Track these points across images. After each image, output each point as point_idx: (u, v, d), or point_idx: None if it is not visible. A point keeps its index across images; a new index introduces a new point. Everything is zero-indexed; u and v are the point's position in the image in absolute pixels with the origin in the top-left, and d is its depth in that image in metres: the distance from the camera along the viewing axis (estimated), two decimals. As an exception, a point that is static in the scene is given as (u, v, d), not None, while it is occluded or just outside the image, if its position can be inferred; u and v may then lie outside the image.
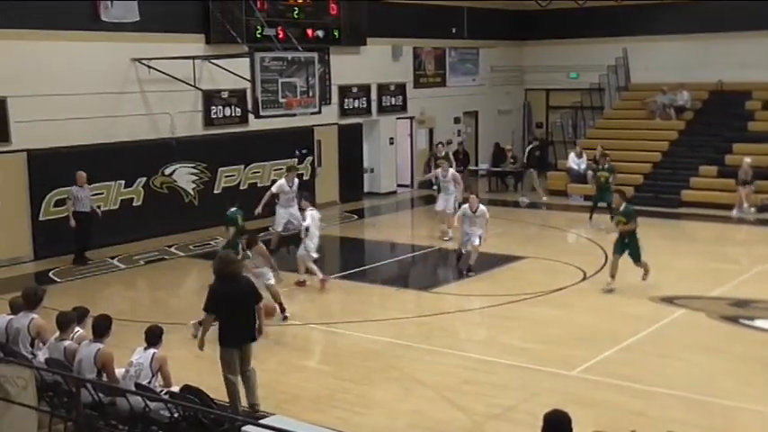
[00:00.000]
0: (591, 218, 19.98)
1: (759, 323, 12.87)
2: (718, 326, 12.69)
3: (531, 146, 26.08)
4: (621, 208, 14.67)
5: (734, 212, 21.31)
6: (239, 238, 13.66)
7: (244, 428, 7.50)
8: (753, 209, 21.36)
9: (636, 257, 14.41)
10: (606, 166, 20.42)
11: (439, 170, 19.38)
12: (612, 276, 14.46)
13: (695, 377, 10.45)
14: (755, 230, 20.21)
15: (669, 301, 13.82)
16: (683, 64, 26.18)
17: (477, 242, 15.70)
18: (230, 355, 9.25)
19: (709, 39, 25.86)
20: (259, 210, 16.98)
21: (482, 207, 16.01)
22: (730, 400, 9.66)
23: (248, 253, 12.72)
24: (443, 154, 22.60)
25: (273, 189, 17.41)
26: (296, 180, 17.56)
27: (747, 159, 21.89)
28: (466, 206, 16.11)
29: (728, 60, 25.34)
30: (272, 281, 12.97)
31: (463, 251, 16.01)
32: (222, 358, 9.28)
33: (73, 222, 16.42)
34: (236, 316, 9.29)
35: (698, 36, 26.08)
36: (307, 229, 14.65)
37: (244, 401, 9.29)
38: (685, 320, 12.95)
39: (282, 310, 12.91)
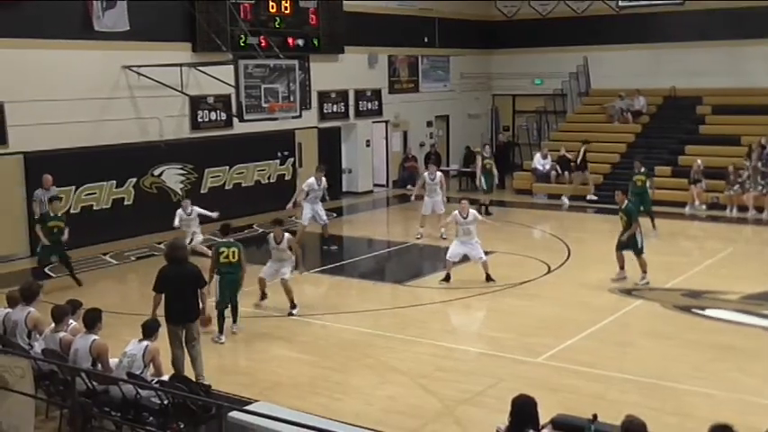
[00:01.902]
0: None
1: (709, 312, 12.98)
2: (672, 315, 12.79)
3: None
4: (623, 206, 14.64)
5: (686, 209, 21.54)
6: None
7: (230, 414, 7.49)
8: (704, 206, 21.61)
9: (635, 251, 14.39)
10: (642, 170, 19.15)
11: (426, 173, 18.94)
12: (622, 267, 14.49)
13: (651, 363, 10.54)
14: (706, 226, 20.43)
15: (627, 292, 13.94)
16: (639, 71, 26.37)
17: (482, 257, 14.57)
18: (175, 331, 9.67)
19: (664, 48, 26.10)
20: (290, 204, 17.90)
21: (472, 211, 14.97)
22: (682, 384, 9.75)
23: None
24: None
25: (304, 187, 17.78)
26: (323, 179, 17.74)
27: (698, 160, 22.20)
28: (456, 213, 14.82)
29: (681, 68, 25.61)
30: (288, 276, 12.88)
31: (450, 273, 14.63)
32: (168, 333, 9.63)
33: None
34: (180, 297, 9.64)
35: (653, 45, 26.29)
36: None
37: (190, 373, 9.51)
38: (642, 310, 13.06)
39: (293, 306, 12.89)
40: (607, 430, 6.43)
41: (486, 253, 14.92)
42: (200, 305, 9.84)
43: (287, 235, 12.99)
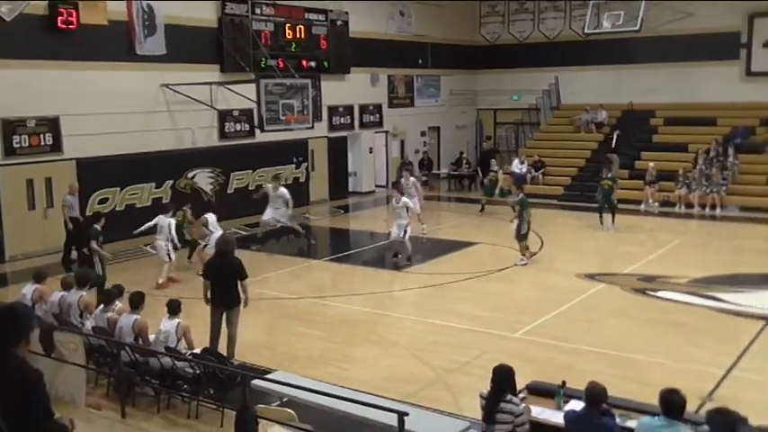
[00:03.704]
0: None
1: (662, 294, 12.92)
2: (631, 297, 12.76)
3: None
4: (518, 197, 14.82)
5: (642, 206, 21.51)
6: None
7: (253, 382, 7.47)
8: (656, 204, 21.57)
9: (517, 236, 14.64)
10: (610, 175, 18.73)
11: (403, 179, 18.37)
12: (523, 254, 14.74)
13: (613, 337, 10.51)
14: (659, 221, 20.36)
15: (591, 277, 13.90)
16: (602, 89, 26.30)
17: (398, 234, 15.05)
18: (216, 313, 9.39)
19: (624, 69, 26.03)
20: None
21: (404, 199, 15.30)
22: (640, 356, 9.74)
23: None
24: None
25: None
26: (279, 188, 16.84)
27: (651, 164, 22.18)
28: (393, 200, 15.45)
29: (638, 86, 25.56)
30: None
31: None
32: (210, 314, 9.40)
33: (71, 225, 15.43)
34: (221, 284, 9.36)
35: (615, 66, 26.21)
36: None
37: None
38: (604, 292, 13.02)
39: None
40: (574, 394, 6.41)
41: (472, 244, 14.86)
42: (242, 295, 9.39)
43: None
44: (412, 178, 18.78)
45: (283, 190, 16.77)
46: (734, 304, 12.13)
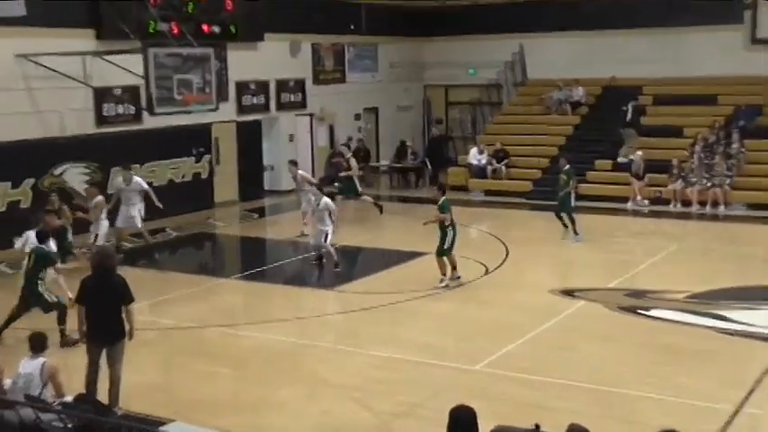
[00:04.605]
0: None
1: (655, 312, 13.19)
2: (616, 316, 12.98)
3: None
4: (440, 201, 14.66)
5: (629, 205, 21.93)
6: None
7: (143, 437, 7.32)
8: (646, 201, 21.98)
9: (438, 250, 14.48)
10: (567, 167, 18.32)
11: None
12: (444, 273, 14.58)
13: (595, 368, 10.66)
14: (649, 222, 20.81)
15: (568, 293, 14.11)
16: (577, 60, 26.69)
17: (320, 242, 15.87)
18: (93, 350, 9.16)
19: (602, 35, 26.49)
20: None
21: (324, 200, 16.06)
22: (629, 390, 9.88)
23: None
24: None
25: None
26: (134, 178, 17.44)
27: (639, 153, 22.55)
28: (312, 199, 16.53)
29: (621, 57, 25.96)
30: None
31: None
32: (87, 350, 9.20)
33: None
34: (100, 311, 9.12)
35: (591, 33, 26.63)
36: None
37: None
38: (584, 312, 13.22)
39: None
40: (551, 441, 6.45)
41: (419, 254, 14.93)
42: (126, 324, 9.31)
43: None
44: (301, 172, 19.21)
45: (138, 179, 16.89)
46: (743, 324, 12.43)
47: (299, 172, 19.27)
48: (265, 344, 11.95)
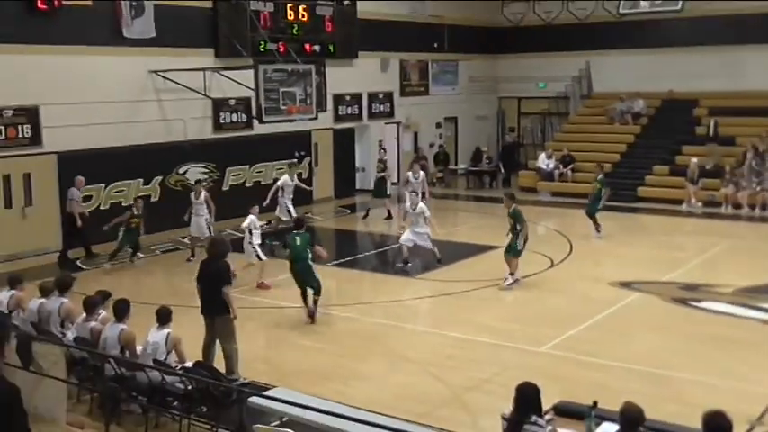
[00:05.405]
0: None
1: (705, 305, 12.93)
2: (670, 307, 12.74)
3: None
4: (510, 210, 14.08)
5: (683, 207, 21.45)
6: None
7: (250, 399, 7.52)
8: (700, 204, 21.49)
9: (508, 251, 14.01)
10: (600, 176, 18.18)
11: (410, 172, 19.29)
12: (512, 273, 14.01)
13: (650, 353, 10.51)
14: (702, 223, 20.32)
15: (626, 285, 13.89)
16: (638, 75, 26.22)
17: (429, 246, 15.31)
18: (206, 322, 9.64)
19: (662, 52, 25.93)
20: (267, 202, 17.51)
21: (421, 204, 15.43)
22: (679, 373, 9.73)
23: None
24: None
25: (278, 183, 18.02)
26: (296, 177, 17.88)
27: (694, 159, 22.09)
28: (408, 203, 15.95)
29: (679, 72, 25.43)
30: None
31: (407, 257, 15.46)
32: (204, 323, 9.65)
33: (80, 222, 16.17)
34: (204, 290, 9.61)
35: (652, 50, 26.13)
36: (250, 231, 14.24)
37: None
38: (640, 303, 13.02)
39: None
40: (607, 416, 6.41)
41: (493, 248, 14.87)
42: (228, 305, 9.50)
43: None
44: (422, 173, 19.05)
45: (205, 194, 16.32)
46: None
47: (422, 173, 19.10)
48: (355, 323, 12.12)
